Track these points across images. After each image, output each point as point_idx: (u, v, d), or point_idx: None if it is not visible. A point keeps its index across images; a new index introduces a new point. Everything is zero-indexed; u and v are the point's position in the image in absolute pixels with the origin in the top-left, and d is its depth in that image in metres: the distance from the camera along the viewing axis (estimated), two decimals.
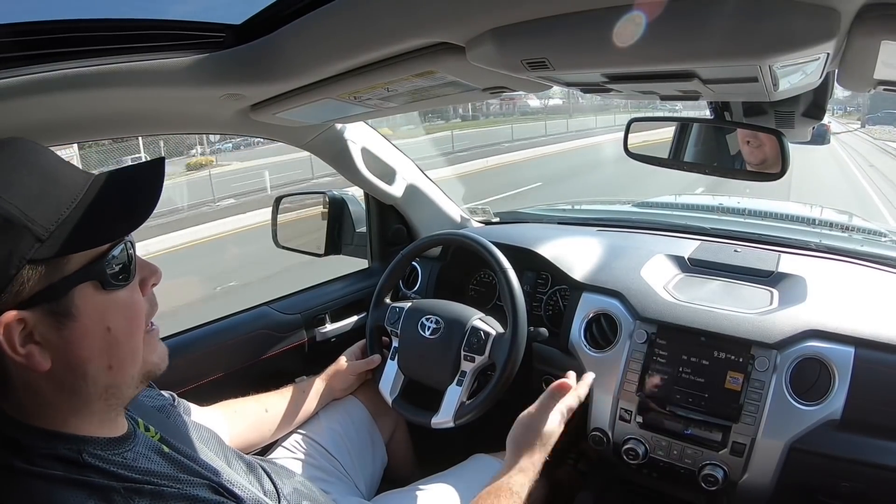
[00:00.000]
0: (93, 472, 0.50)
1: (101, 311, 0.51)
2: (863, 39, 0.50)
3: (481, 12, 0.55)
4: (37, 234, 0.47)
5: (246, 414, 1.00)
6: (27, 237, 0.46)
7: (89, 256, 0.50)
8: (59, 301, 0.48)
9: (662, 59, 0.56)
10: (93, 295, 0.50)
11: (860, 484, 0.87)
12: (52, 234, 0.47)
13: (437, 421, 1.07)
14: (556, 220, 1.55)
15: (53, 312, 0.48)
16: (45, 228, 0.47)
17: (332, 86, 0.80)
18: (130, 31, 0.67)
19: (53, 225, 0.48)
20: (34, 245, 0.47)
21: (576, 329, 1.13)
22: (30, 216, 0.47)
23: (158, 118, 0.95)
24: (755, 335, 0.95)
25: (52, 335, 0.49)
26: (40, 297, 0.47)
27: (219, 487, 0.59)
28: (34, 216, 0.47)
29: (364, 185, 1.36)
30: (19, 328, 0.47)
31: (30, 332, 0.48)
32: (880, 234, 1.42)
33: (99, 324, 0.51)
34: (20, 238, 0.46)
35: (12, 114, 0.69)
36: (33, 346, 0.48)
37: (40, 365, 0.48)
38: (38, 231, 0.47)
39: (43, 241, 0.47)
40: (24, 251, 0.46)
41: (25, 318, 0.47)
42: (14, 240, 0.46)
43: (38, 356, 0.48)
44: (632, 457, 1.01)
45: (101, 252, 0.51)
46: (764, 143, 0.99)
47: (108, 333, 0.52)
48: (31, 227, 0.46)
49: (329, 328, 1.35)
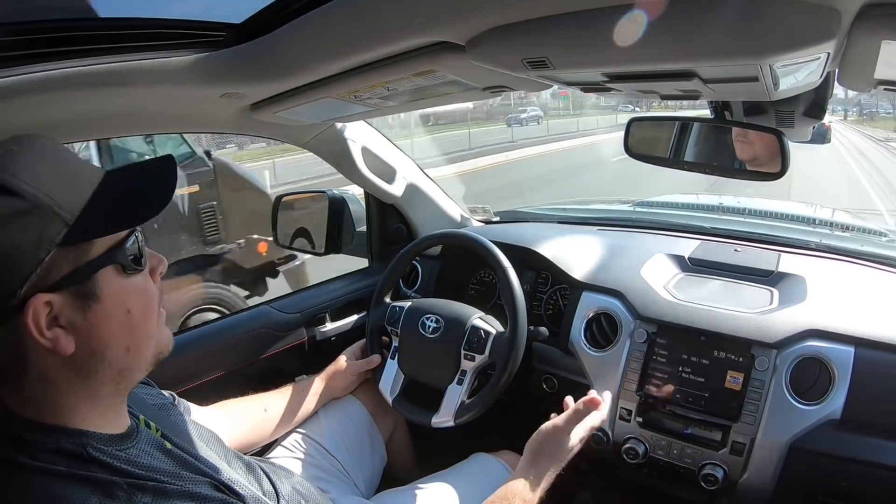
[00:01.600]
0: (96, 466, 0.51)
1: (122, 294, 0.53)
2: (863, 39, 0.50)
3: (482, 11, 0.55)
4: (65, 219, 0.48)
5: (245, 413, 1.00)
6: (56, 222, 0.48)
7: (110, 242, 0.52)
8: (85, 284, 0.50)
9: (663, 59, 0.56)
10: (114, 278, 0.53)
11: (860, 483, 0.87)
12: (79, 220, 0.49)
13: (437, 420, 1.07)
14: (557, 220, 1.55)
15: (79, 295, 0.50)
16: (72, 214, 0.49)
17: (333, 85, 0.80)
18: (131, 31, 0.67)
19: (79, 210, 0.50)
20: (62, 229, 0.48)
21: (576, 328, 1.13)
22: (57, 202, 0.48)
23: (159, 117, 0.96)
24: (755, 335, 0.95)
25: (77, 318, 0.50)
26: (67, 280, 0.49)
27: (220, 485, 0.60)
28: (61, 202, 0.49)
29: (364, 185, 1.36)
30: (46, 311, 0.48)
31: (55, 315, 0.49)
32: (880, 233, 1.42)
33: (120, 306, 0.53)
34: (49, 223, 0.48)
35: (13, 112, 0.70)
36: (59, 330, 0.49)
37: (65, 348, 0.50)
38: (66, 216, 0.49)
39: (70, 225, 0.49)
40: (52, 235, 0.48)
41: (52, 302, 0.48)
42: (44, 224, 0.48)
43: (64, 340, 0.49)
44: (632, 456, 1.01)
45: (120, 238, 0.53)
46: (753, 141, 0.99)
47: (128, 316, 0.54)
48: (60, 213, 0.48)
49: (329, 327, 1.35)
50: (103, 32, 0.65)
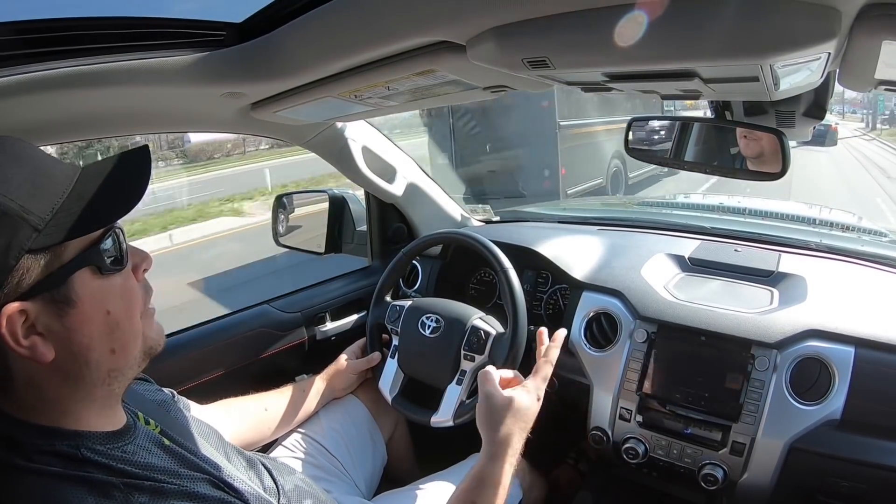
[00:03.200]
0: (92, 467, 0.50)
1: (100, 295, 0.52)
2: (864, 39, 0.50)
3: (482, 11, 0.55)
4: (33, 224, 0.47)
5: (246, 412, 1.00)
6: (25, 228, 0.47)
7: (84, 243, 0.51)
8: (59, 289, 0.49)
9: (663, 59, 0.56)
10: (91, 280, 0.51)
11: (860, 484, 0.87)
12: (49, 224, 0.48)
13: (436, 420, 1.07)
14: (557, 220, 1.55)
15: (54, 301, 0.49)
16: (41, 218, 0.48)
17: (333, 84, 0.80)
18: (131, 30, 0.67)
19: (49, 214, 0.48)
20: (32, 235, 0.47)
21: (576, 328, 1.13)
22: (26, 207, 0.47)
23: (159, 116, 0.95)
24: (755, 335, 0.95)
25: (54, 324, 0.49)
26: (41, 287, 0.48)
27: (219, 482, 0.59)
28: (30, 207, 0.47)
29: (364, 184, 1.36)
30: (21, 320, 0.47)
31: (31, 323, 0.48)
32: (881, 233, 1.41)
33: (99, 308, 0.52)
34: (18, 229, 0.46)
35: (13, 112, 0.70)
36: (36, 338, 0.48)
37: (44, 356, 0.48)
38: (34, 221, 0.47)
39: (40, 230, 0.47)
40: (22, 242, 0.47)
41: (27, 310, 0.47)
42: (12, 231, 0.46)
43: (42, 347, 0.48)
44: (632, 456, 1.01)
45: (95, 238, 0.51)
46: (759, 137, 0.99)
47: (108, 317, 0.52)
48: (28, 218, 0.47)
49: (329, 327, 1.35)
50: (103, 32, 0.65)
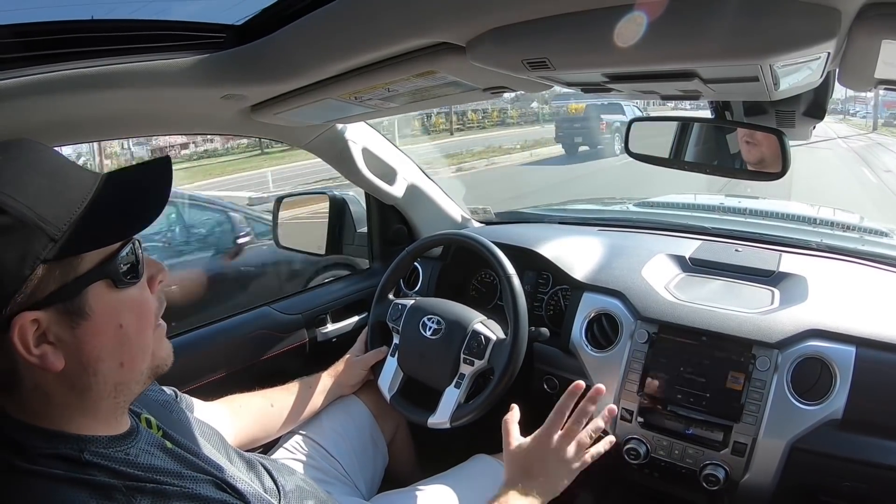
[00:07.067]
0: (94, 469, 0.50)
1: (114, 309, 0.51)
2: (864, 39, 0.50)
3: (482, 12, 0.55)
4: (50, 234, 0.47)
5: (251, 409, 1.00)
6: (41, 237, 0.46)
7: (101, 255, 0.50)
8: (73, 300, 0.49)
9: (663, 59, 0.56)
10: (105, 293, 0.51)
11: (862, 484, 0.87)
12: (65, 234, 0.47)
13: (433, 421, 1.07)
14: (557, 220, 1.54)
15: (67, 312, 0.49)
16: (58, 228, 0.47)
17: (333, 86, 0.80)
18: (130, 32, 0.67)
19: (66, 225, 0.48)
20: (48, 245, 0.46)
21: (577, 329, 1.13)
22: (42, 216, 0.46)
23: (159, 119, 0.96)
24: (756, 335, 0.95)
25: (65, 335, 0.49)
26: (54, 297, 0.48)
27: (222, 483, 0.59)
28: (47, 216, 0.47)
29: (365, 186, 1.36)
30: (33, 329, 0.47)
31: (43, 332, 0.48)
32: (882, 233, 1.41)
33: (111, 322, 0.51)
34: (34, 238, 0.46)
35: (13, 114, 0.70)
36: (47, 347, 0.48)
37: (53, 365, 0.48)
38: (51, 231, 0.47)
39: (56, 240, 0.47)
40: (38, 251, 0.46)
41: (39, 319, 0.47)
42: (28, 240, 0.46)
43: (52, 356, 0.48)
44: (633, 457, 1.01)
45: (112, 251, 0.51)
46: (760, 143, 0.99)
47: (120, 330, 0.52)
48: (45, 228, 0.46)
49: (330, 328, 1.35)
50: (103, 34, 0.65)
